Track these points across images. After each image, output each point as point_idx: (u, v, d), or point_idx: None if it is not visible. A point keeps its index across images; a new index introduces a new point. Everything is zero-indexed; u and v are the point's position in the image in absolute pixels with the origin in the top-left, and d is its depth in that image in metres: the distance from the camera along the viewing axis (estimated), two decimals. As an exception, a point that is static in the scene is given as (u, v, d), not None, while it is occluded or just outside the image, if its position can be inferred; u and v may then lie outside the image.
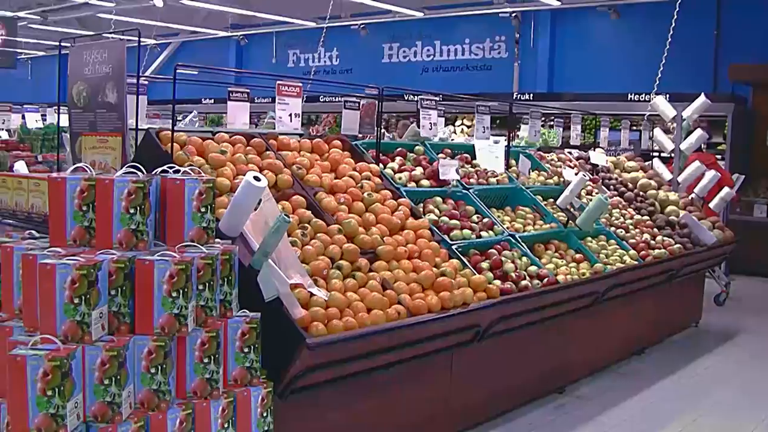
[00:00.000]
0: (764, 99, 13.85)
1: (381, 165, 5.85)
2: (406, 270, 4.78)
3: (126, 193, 3.32)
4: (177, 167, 3.73)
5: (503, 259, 5.49)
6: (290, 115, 5.37)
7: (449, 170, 6.04)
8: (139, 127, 4.85)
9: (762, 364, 7.62)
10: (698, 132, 9.59)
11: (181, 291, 3.23)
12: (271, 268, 3.86)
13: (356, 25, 18.98)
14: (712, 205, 9.16)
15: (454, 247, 5.31)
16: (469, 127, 14.72)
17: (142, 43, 4.63)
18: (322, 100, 17.10)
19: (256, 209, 4.05)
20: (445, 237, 5.38)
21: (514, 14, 17.03)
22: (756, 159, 13.49)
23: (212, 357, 3.40)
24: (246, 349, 3.59)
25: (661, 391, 6.64)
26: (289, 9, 18.42)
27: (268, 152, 5.10)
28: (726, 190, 9.20)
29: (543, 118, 9.34)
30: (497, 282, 5.23)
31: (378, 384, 4.51)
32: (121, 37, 6.25)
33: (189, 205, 3.52)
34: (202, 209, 3.54)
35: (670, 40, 10.87)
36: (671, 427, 5.77)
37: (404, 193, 5.59)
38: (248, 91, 5.25)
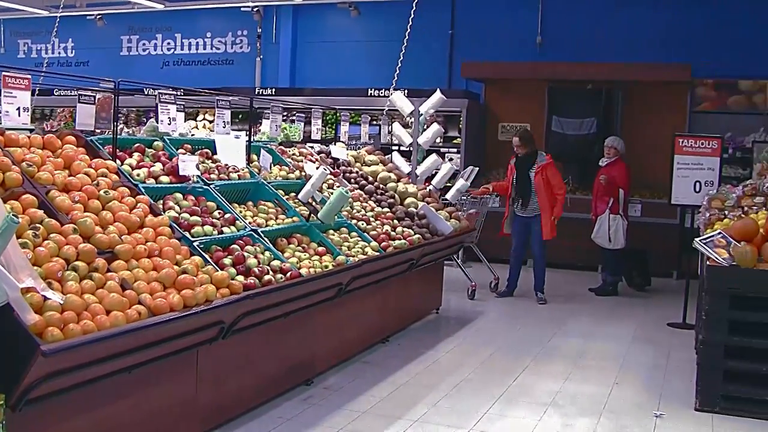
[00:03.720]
0: (495, 95, 14.66)
1: (118, 161, 5.70)
2: (146, 269, 4.67)
3: None
4: None
5: (246, 254, 5.49)
6: (18, 109, 5.10)
7: (189, 166, 5.96)
8: None
9: (497, 345, 8.09)
10: (435, 126, 10.00)
11: None
12: (0, 273, 3.65)
13: (92, 15, 18.23)
14: (448, 196, 9.60)
15: (195, 243, 5.26)
16: (211, 122, 14.54)
17: None
18: (56, 94, 16.33)
19: (-19, 210, 3.82)
20: (186, 234, 5.31)
21: (255, 9, 16.98)
22: (488, 152, 14.28)
23: (-66, 370, 3.17)
24: (-28, 360, 3.38)
25: (406, 376, 6.89)
26: (18, -5, 17.40)
27: (-6, 149, 4.82)
28: (461, 181, 9.66)
29: (284, 113, 9.39)
30: (240, 278, 5.23)
31: (122, 387, 4.38)
32: None
33: None
34: None
35: (407, 37, 11.22)
36: (416, 410, 6.01)
37: (143, 190, 5.47)
38: (-30, 83, 4.94)
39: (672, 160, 9.41)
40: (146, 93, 14.49)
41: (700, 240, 6.63)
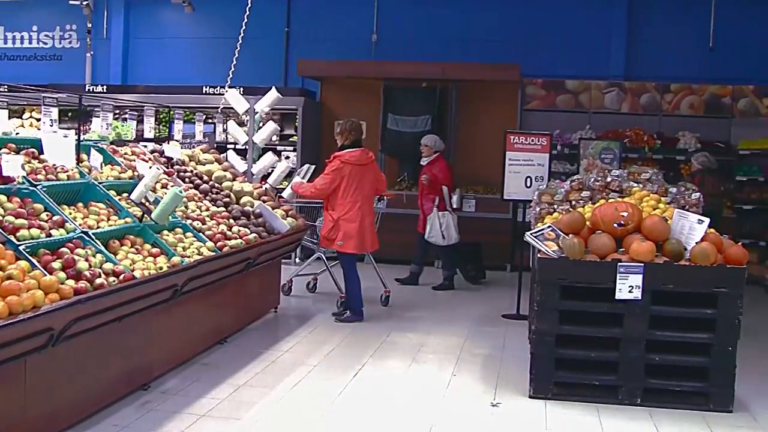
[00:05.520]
0: (331, 93, 14.72)
1: (-65, 162, 5.41)
2: (-33, 276, 4.46)
3: None
4: None
5: (76, 257, 5.31)
6: None
7: (13, 166, 5.71)
8: None
9: (336, 342, 8.12)
10: (270, 125, 9.92)
11: None
12: None
13: None
14: (284, 194, 9.56)
15: (21, 247, 5.04)
16: (38, 120, 13.98)
17: None
18: None
19: None
20: (11, 237, 5.08)
21: (85, 2, 16.43)
22: (325, 150, 14.26)
23: None
24: None
25: (246, 376, 6.84)
26: None
27: None
28: (297, 179, 9.63)
29: (116, 111, 9.13)
30: (70, 282, 5.04)
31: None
32: None
33: None
34: None
35: (242, 35, 11.15)
36: (255, 410, 6.00)
37: (-37, 193, 5.21)
38: None
39: (504, 156, 9.68)
40: (-33, 89, 13.82)
41: (530, 233, 6.85)
